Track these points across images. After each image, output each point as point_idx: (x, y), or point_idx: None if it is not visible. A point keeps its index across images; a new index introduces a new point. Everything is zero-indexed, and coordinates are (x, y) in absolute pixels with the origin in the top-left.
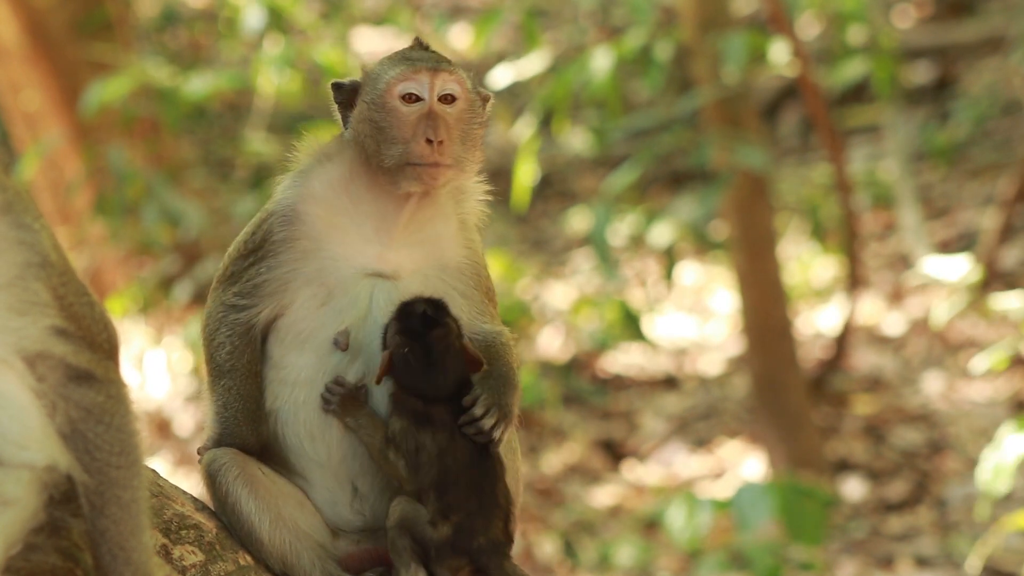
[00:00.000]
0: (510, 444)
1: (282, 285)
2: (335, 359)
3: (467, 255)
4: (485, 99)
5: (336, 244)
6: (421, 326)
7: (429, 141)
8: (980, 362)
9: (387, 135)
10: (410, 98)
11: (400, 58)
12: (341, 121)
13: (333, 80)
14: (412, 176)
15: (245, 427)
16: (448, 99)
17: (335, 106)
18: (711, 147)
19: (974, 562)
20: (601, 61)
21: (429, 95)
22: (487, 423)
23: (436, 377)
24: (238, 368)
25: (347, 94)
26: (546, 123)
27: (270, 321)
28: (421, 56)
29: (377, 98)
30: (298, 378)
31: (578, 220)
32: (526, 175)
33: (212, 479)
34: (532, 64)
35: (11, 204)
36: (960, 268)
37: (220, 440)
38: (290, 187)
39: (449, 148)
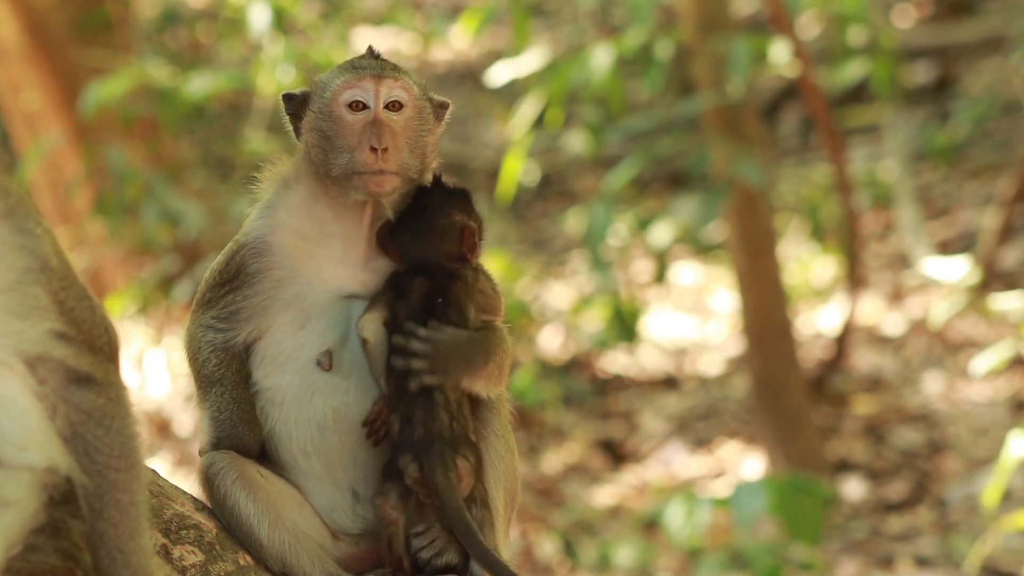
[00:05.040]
0: (507, 443)
1: (259, 311)
2: (321, 378)
3: None
4: (443, 106)
5: (310, 271)
6: (431, 185)
7: (373, 149)
8: (980, 363)
9: (333, 144)
10: (356, 106)
11: (348, 66)
12: (294, 133)
13: (284, 92)
14: (358, 185)
15: (242, 428)
16: (395, 106)
17: (286, 118)
18: (711, 152)
19: (973, 561)
20: (601, 58)
21: (375, 103)
22: (415, 364)
23: (421, 231)
24: (227, 376)
25: (297, 105)
26: (543, 122)
27: (249, 343)
28: (367, 64)
29: (324, 107)
30: (284, 399)
31: (577, 220)
32: (514, 167)
33: (210, 483)
34: (530, 61)
35: (13, 209)
36: (960, 268)
37: (218, 444)
38: (258, 219)
39: (394, 155)
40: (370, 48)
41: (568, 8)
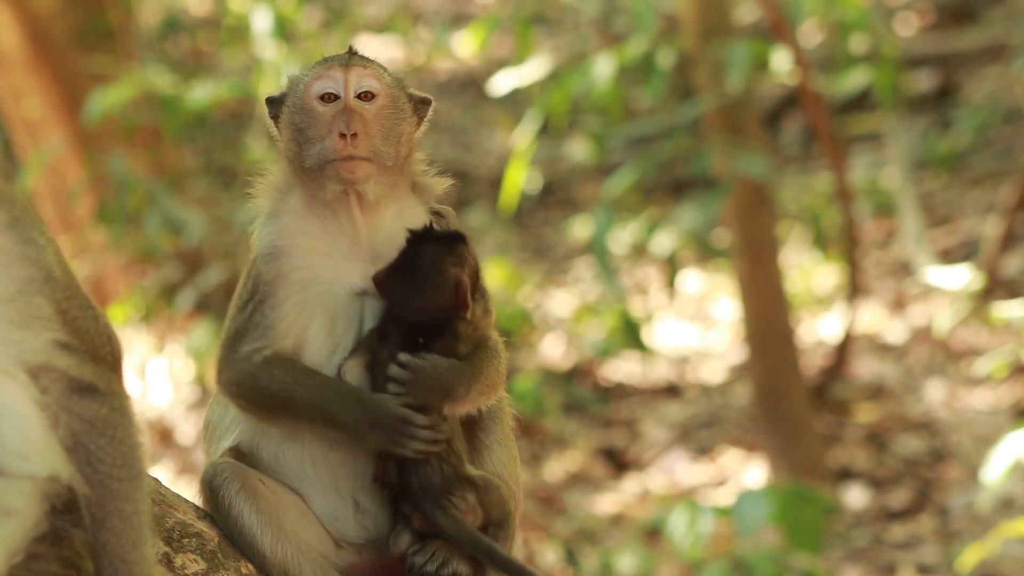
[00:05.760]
0: (510, 452)
1: (291, 318)
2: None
3: None
4: (424, 102)
5: (327, 269)
6: (423, 235)
7: (343, 135)
8: (981, 366)
9: (306, 135)
10: (327, 98)
11: (319, 61)
12: (278, 134)
13: (267, 95)
14: (331, 174)
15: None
16: (366, 96)
17: (270, 122)
18: (713, 154)
19: (967, 561)
20: (603, 67)
21: (344, 92)
22: (391, 389)
23: (415, 288)
24: (299, 368)
25: (278, 107)
26: (547, 130)
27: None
28: (337, 56)
29: (296, 101)
30: None
31: (580, 228)
32: (518, 176)
33: (214, 493)
34: (533, 70)
35: (17, 219)
36: (962, 276)
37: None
38: (264, 229)
39: (364, 141)
40: (350, 47)
41: (570, 16)
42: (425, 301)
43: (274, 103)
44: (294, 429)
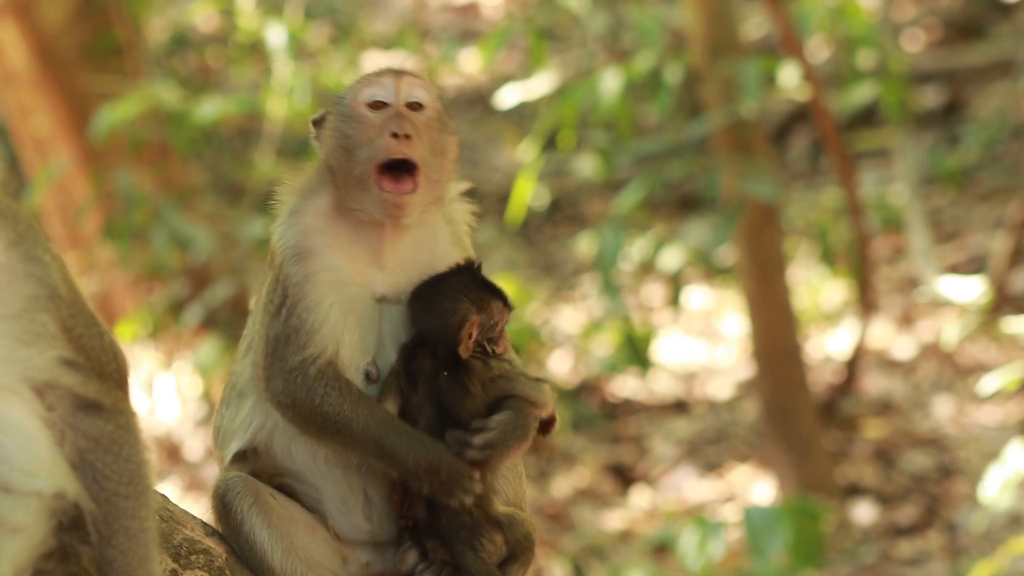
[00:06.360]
0: (516, 468)
1: (331, 326)
2: (368, 390)
3: None
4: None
5: (353, 271)
6: (466, 267)
7: (395, 135)
8: (989, 383)
9: (354, 140)
10: (377, 105)
11: (367, 73)
12: (321, 147)
13: (312, 117)
14: (378, 204)
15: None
16: (415, 106)
17: (316, 143)
18: (721, 173)
19: None
20: (610, 82)
21: (395, 99)
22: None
23: (428, 303)
24: (355, 393)
25: (321, 125)
26: (554, 145)
27: (333, 361)
28: (387, 67)
29: (345, 110)
30: None
31: (587, 244)
32: (525, 190)
33: (227, 508)
34: (540, 85)
35: (22, 237)
36: (970, 291)
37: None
38: (287, 228)
39: (417, 145)
40: (388, 67)
41: (577, 32)
42: (428, 318)
43: (317, 123)
44: (340, 453)
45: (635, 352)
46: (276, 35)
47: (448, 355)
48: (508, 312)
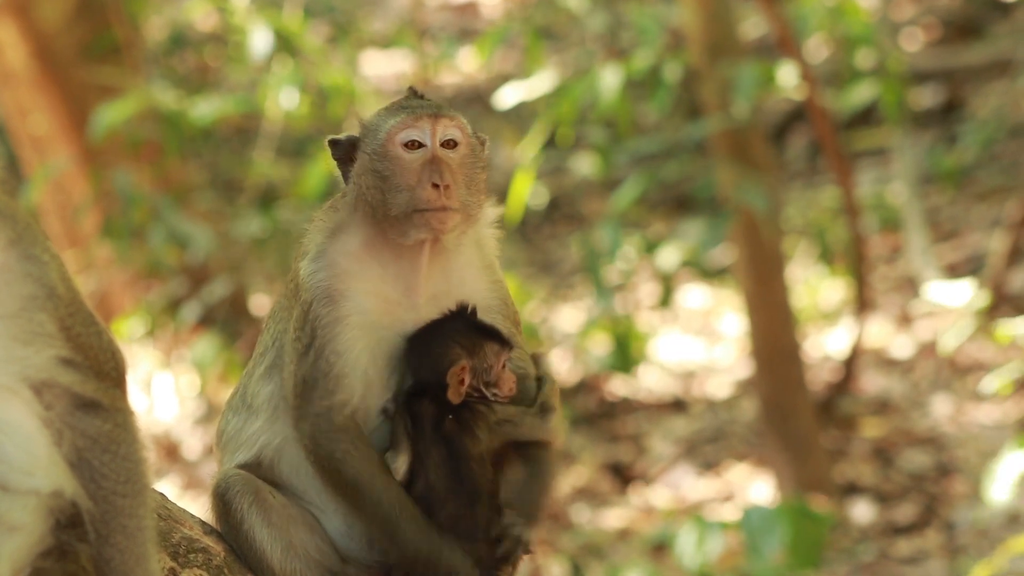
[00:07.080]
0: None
1: (359, 373)
2: (378, 425)
3: (495, 295)
4: (482, 142)
5: (384, 314)
6: (460, 312)
7: (435, 186)
8: (988, 383)
9: (391, 183)
10: (412, 145)
11: (398, 107)
12: (342, 177)
13: (330, 137)
14: (420, 223)
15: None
16: (450, 144)
17: (334, 163)
18: (717, 176)
19: None
20: (609, 80)
21: (431, 141)
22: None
23: (422, 346)
24: (375, 462)
25: (345, 149)
26: (553, 143)
27: (357, 409)
28: (420, 104)
29: (379, 148)
30: None
31: (582, 243)
32: (522, 190)
33: (227, 506)
34: (539, 84)
35: (20, 236)
36: (968, 292)
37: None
38: (319, 267)
39: (455, 192)
40: (412, 88)
41: (576, 31)
42: (422, 365)
43: (339, 146)
44: (349, 512)
45: (622, 354)
46: (260, 39)
47: (448, 400)
48: (506, 353)
